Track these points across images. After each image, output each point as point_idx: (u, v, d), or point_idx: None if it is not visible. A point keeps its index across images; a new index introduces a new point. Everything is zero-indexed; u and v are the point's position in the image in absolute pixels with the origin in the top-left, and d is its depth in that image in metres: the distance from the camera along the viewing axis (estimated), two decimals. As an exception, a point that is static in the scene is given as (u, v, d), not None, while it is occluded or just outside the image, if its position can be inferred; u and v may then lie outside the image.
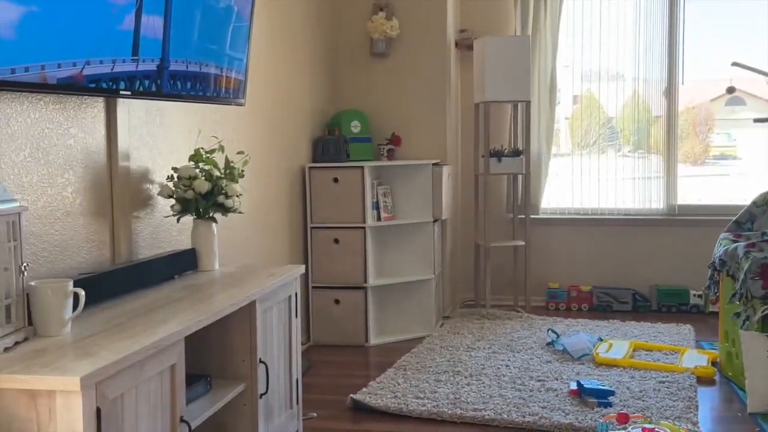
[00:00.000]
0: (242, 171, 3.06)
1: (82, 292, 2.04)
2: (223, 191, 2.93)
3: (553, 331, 4.59)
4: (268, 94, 4.19)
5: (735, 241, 3.96)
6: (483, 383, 3.84)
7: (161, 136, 3.08)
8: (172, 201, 2.95)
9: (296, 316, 3.08)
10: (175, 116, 3.19)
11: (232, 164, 3.02)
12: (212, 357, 2.70)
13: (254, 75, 3.94)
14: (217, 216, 3.04)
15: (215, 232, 3.01)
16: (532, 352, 4.38)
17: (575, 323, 5.08)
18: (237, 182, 3.01)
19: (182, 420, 2.13)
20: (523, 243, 5.43)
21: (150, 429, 1.97)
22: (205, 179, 2.90)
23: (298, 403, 3.13)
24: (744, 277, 3.64)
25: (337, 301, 4.76)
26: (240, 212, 3.07)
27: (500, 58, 5.14)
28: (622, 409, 3.36)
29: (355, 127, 5.02)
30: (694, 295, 5.40)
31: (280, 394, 2.94)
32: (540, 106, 5.66)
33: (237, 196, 2.99)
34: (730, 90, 5.18)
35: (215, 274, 2.94)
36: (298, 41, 4.67)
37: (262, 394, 2.70)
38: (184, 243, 3.17)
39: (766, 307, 3.57)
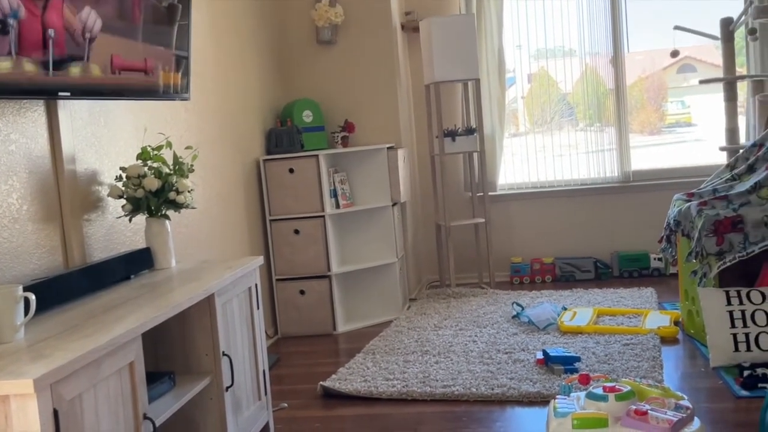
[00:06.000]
0: (192, 166, 3.04)
1: (32, 297, 2.01)
2: (174, 187, 2.91)
3: (518, 304, 4.63)
4: (215, 88, 4.16)
5: (688, 201, 4.02)
6: (451, 360, 3.86)
7: (107, 137, 3.04)
8: (123, 201, 2.92)
9: (258, 308, 3.07)
10: (120, 116, 3.15)
11: (180, 160, 3.00)
12: (175, 354, 2.68)
13: (200, 70, 3.91)
14: (172, 213, 3.02)
15: (169, 229, 2.99)
16: (499, 326, 4.41)
17: (540, 295, 5.13)
18: (187, 177, 2.99)
19: (146, 417, 2.12)
20: (483, 220, 5.46)
21: (112, 428, 1.96)
22: (155, 177, 2.88)
23: (266, 394, 3.13)
24: (698, 235, 3.70)
25: (302, 292, 4.75)
26: (193, 207, 3.05)
27: (446, 38, 5.15)
28: (587, 373, 3.40)
29: (307, 116, 5.00)
30: (655, 259, 5.48)
31: (247, 387, 2.93)
32: (490, 83, 5.69)
33: (188, 191, 2.97)
34: (674, 54, 5.24)
35: (172, 272, 2.92)
36: (243, 34, 4.63)
37: (228, 387, 2.69)
38: (139, 243, 3.14)
39: (721, 263, 3.63)
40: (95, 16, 2.58)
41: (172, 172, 2.95)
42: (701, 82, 5.27)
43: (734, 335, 3.45)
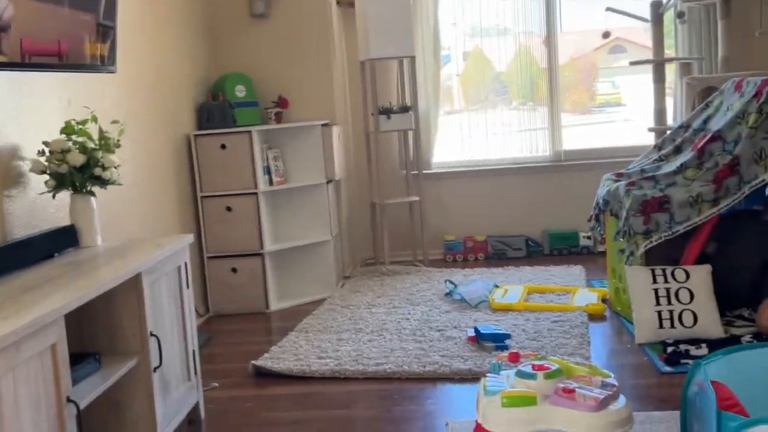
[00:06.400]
0: (118, 141, 2.95)
1: (-53, 277, 1.93)
2: (99, 163, 2.82)
3: (451, 282, 4.66)
4: (144, 61, 4.05)
5: (617, 181, 4.09)
6: (384, 338, 3.87)
7: (29, 110, 2.92)
8: (46, 177, 2.82)
9: (188, 287, 3.02)
10: (43, 87, 3.04)
11: (106, 134, 2.91)
12: (101, 334, 2.62)
13: (128, 41, 3.79)
14: (98, 190, 2.93)
15: (95, 206, 2.90)
16: (432, 304, 4.44)
17: (472, 272, 5.18)
18: (113, 153, 2.90)
19: (69, 400, 2.06)
20: (417, 198, 5.47)
21: (33, 412, 1.90)
22: (80, 152, 2.78)
23: (196, 374, 3.08)
24: (626, 214, 3.77)
25: (234, 270, 4.69)
26: (119, 184, 2.97)
27: (382, 14, 5.11)
28: (517, 351, 3.45)
29: (240, 91, 4.91)
30: (584, 237, 5.58)
31: (176, 367, 2.88)
32: (425, 61, 5.68)
33: (115, 167, 2.88)
34: (606, 35, 5.32)
35: (98, 250, 2.84)
36: (173, 4, 4.51)
37: (155, 368, 2.64)
38: (63, 220, 3.04)
39: (647, 241, 3.71)
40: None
41: (97, 147, 2.86)
42: (632, 63, 5.36)
43: (659, 312, 3.54)
